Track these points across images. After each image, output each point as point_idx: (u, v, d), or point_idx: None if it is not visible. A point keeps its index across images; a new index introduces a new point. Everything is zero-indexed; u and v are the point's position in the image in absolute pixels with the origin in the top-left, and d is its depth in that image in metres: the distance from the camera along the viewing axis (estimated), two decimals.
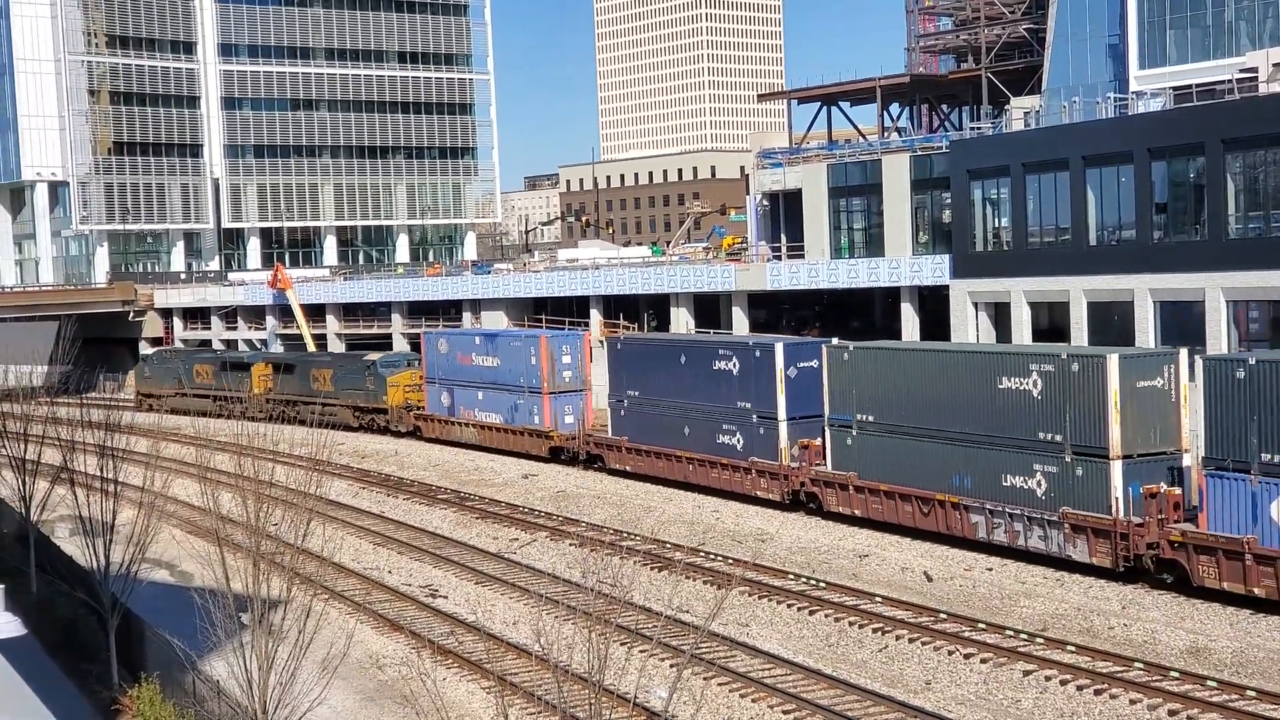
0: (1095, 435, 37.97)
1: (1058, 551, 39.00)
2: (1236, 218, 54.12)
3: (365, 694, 31.65)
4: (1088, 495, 38.08)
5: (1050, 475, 39.26)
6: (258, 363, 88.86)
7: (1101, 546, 37.54)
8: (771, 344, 51.74)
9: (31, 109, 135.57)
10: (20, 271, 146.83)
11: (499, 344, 69.10)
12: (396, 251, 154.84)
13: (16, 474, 39.72)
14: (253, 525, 22.69)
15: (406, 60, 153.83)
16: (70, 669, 32.18)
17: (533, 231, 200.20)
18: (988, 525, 41.20)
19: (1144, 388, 37.97)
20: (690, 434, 54.77)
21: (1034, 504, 39.62)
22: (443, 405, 72.54)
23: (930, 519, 43.24)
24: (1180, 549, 35.52)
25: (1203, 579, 34.95)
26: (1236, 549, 33.98)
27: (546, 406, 64.63)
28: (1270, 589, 33.24)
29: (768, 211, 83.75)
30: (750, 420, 51.50)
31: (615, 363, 60.04)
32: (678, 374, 55.80)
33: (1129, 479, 37.27)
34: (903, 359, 46.03)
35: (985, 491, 41.18)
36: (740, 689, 30.31)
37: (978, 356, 43.49)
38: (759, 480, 50.91)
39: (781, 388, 50.18)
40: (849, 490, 46.48)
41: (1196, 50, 69.04)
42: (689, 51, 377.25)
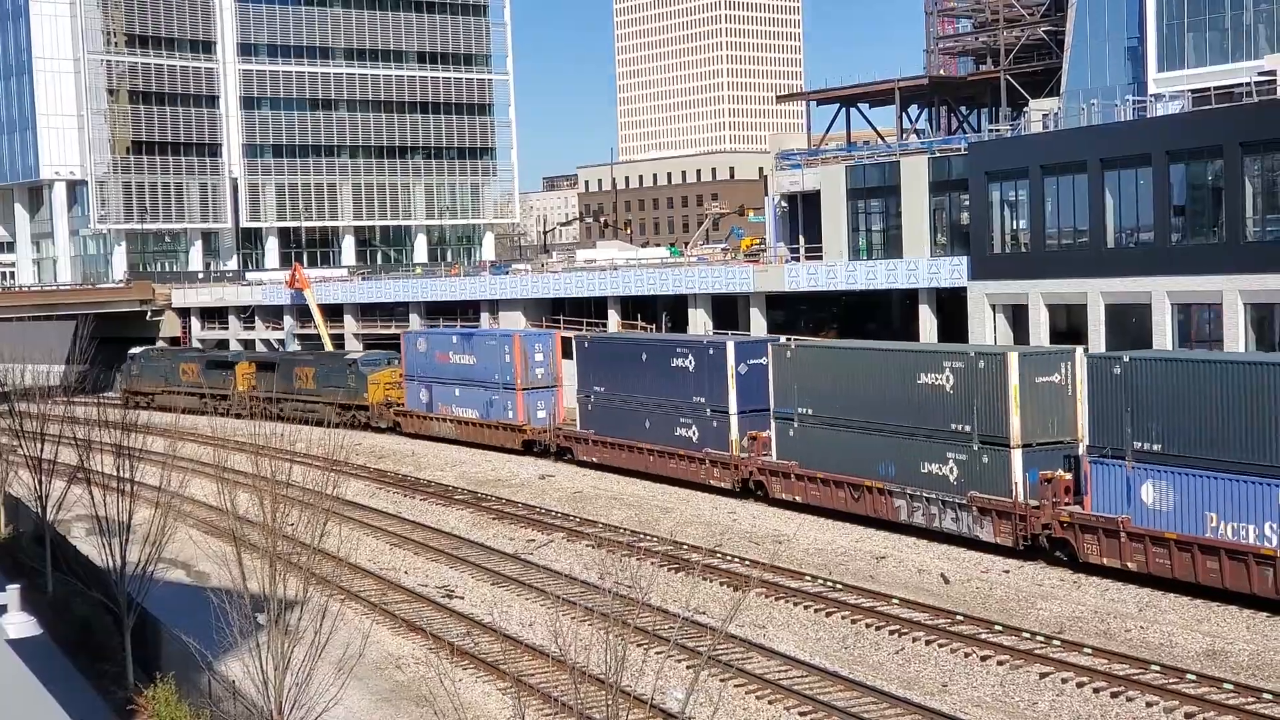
0: (998, 426, 41.41)
1: (967, 532, 42.30)
2: (1254, 220, 53.92)
3: (381, 694, 31.67)
4: (992, 481, 41.50)
5: (961, 463, 42.65)
6: (241, 362, 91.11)
7: (1004, 527, 41.02)
8: (723, 342, 55.66)
9: (50, 108, 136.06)
10: (38, 270, 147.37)
11: (475, 343, 72.55)
12: (415, 252, 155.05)
13: (33, 473, 39.84)
14: (269, 525, 22.71)
15: (426, 60, 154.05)
16: (86, 668, 32.25)
17: (551, 232, 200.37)
18: (908, 509, 44.54)
19: (1042, 383, 41.36)
20: (651, 427, 58.20)
21: (947, 489, 42.98)
22: (421, 401, 75.64)
23: (860, 504, 46.66)
24: (1069, 528, 39.02)
25: (1087, 555, 38.48)
26: (1113, 528, 37.58)
27: (520, 402, 68.19)
28: (1141, 563, 36.88)
29: (786, 213, 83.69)
30: (705, 414, 55.01)
31: (583, 360, 63.40)
32: (640, 371, 59.13)
33: (1028, 466, 40.63)
34: (837, 357, 49.77)
35: (906, 478, 44.55)
36: (757, 690, 30.28)
37: (900, 354, 46.94)
38: (712, 470, 54.26)
39: (733, 383, 53.67)
40: (791, 478, 49.92)
41: (1215, 53, 68.83)
42: (708, 53, 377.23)
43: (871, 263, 71.63)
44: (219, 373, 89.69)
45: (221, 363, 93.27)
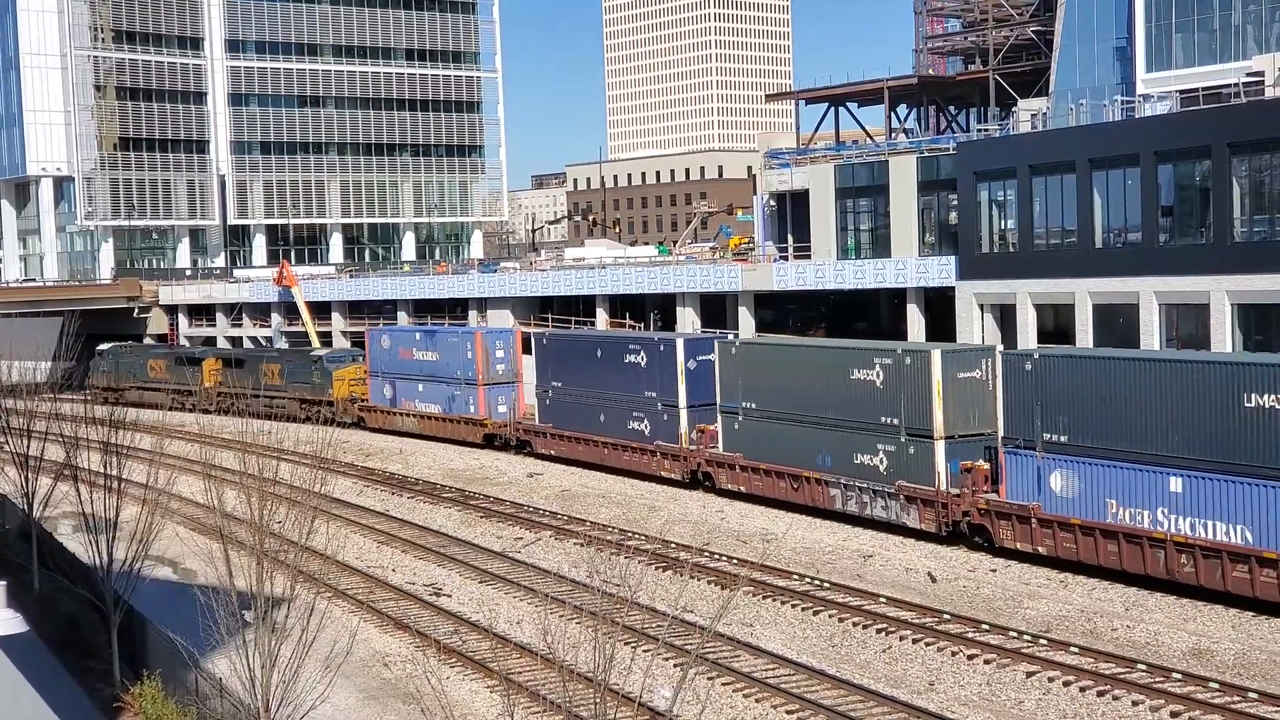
0: (923, 419, 43.50)
1: (895, 519, 44.65)
2: (1242, 221, 54.06)
3: (368, 692, 31.64)
4: (918, 471, 43.73)
5: (890, 453, 44.83)
6: (208, 358, 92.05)
7: (928, 514, 43.34)
8: (673, 339, 57.70)
9: (37, 104, 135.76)
10: (25, 267, 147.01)
11: (438, 339, 74.28)
12: (403, 249, 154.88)
13: (19, 470, 39.72)
14: (256, 523, 22.67)
15: (414, 58, 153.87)
16: (72, 666, 32.17)
17: (539, 230, 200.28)
18: (843, 498, 46.82)
19: (964, 379, 43.58)
20: (606, 421, 60.20)
21: (878, 478, 45.25)
22: (385, 397, 77.47)
23: (800, 493, 48.74)
24: (986, 515, 41.39)
25: (1002, 540, 40.77)
26: (1025, 514, 39.95)
27: (481, 397, 69.93)
28: (1050, 547, 39.23)
29: (774, 212, 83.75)
30: (656, 408, 57.06)
31: (542, 357, 65.26)
32: (595, 367, 61.15)
33: (950, 456, 42.91)
34: (778, 354, 52.02)
35: (841, 468, 46.80)
36: (744, 689, 30.29)
37: (835, 351, 49.41)
38: (663, 461, 56.47)
39: (682, 379, 55.76)
40: (736, 469, 52.03)
41: (1203, 53, 68.98)
42: (697, 51, 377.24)
43: (860, 262, 71.71)
44: (186, 369, 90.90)
45: (189, 359, 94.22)
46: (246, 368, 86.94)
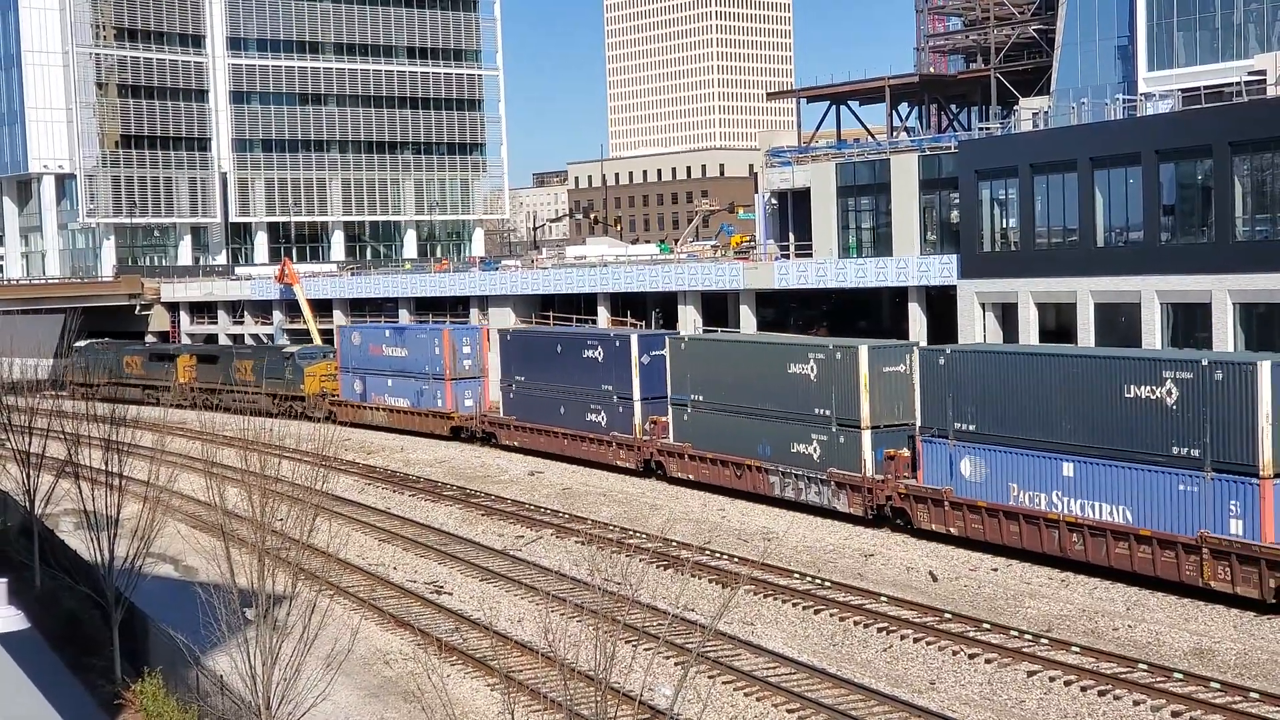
0: (852, 410, 46.67)
1: (827, 504, 47.79)
2: (1244, 220, 54.02)
3: (370, 690, 31.65)
4: (847, 458, 46.90)
5: (823, 443, 47.94)
6: (183, 354, 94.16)
7: (855, 499, 46.49)
8: (628, 335, 60.72)
9: (39, 101, 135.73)
10: (26, 264, 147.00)
11: (407, 336, 77.42)
12: (404, 247, 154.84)
13: (21, 467, 39.73)
14: (258, 520, 22.67)
15: (416, 55, 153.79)
16: (73, 663, 32.19)
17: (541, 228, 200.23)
18: (781, 484, 49.87)
19: (889, 372, 46.61)
20: (565, 413, 63.21)
21: (812, 466, 48.35)
22: (356, 392, 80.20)
23: (743, 480, 51.75)
24: (905, 499, 44.54)
25: (919, 522, 43.90)
26: (939, 498, 43.12)
27: (449, 391, 73.01)
28: (960, 528, 42.29)
29: (776, 210, 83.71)
30: (612, 400, 60.04)
31: (505, 352, 68.55)
32: (555, 362, 64.28)
33: (876, 445, 46.01)
34: (723, 349, 55.82)
35: (780, 457, 49.80)
36: (745, 688, 30.30)
37: (773, 347, 52.73)
38: (618, 451, 59.40)
39: (636, 373, 58.66)
40: (685, 459, 55.08)
41: (1205, 52, 68.94)
42: (698, 50, 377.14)
43: (861, 261, 71.69)
44: (161, 365, 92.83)
45: (164, 355, 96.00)
46: (220, 364, 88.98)
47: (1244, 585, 34.36)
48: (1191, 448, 35.81)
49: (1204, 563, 35.26)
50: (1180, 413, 36.02)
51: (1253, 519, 34.40)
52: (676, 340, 56.96)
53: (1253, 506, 34.40)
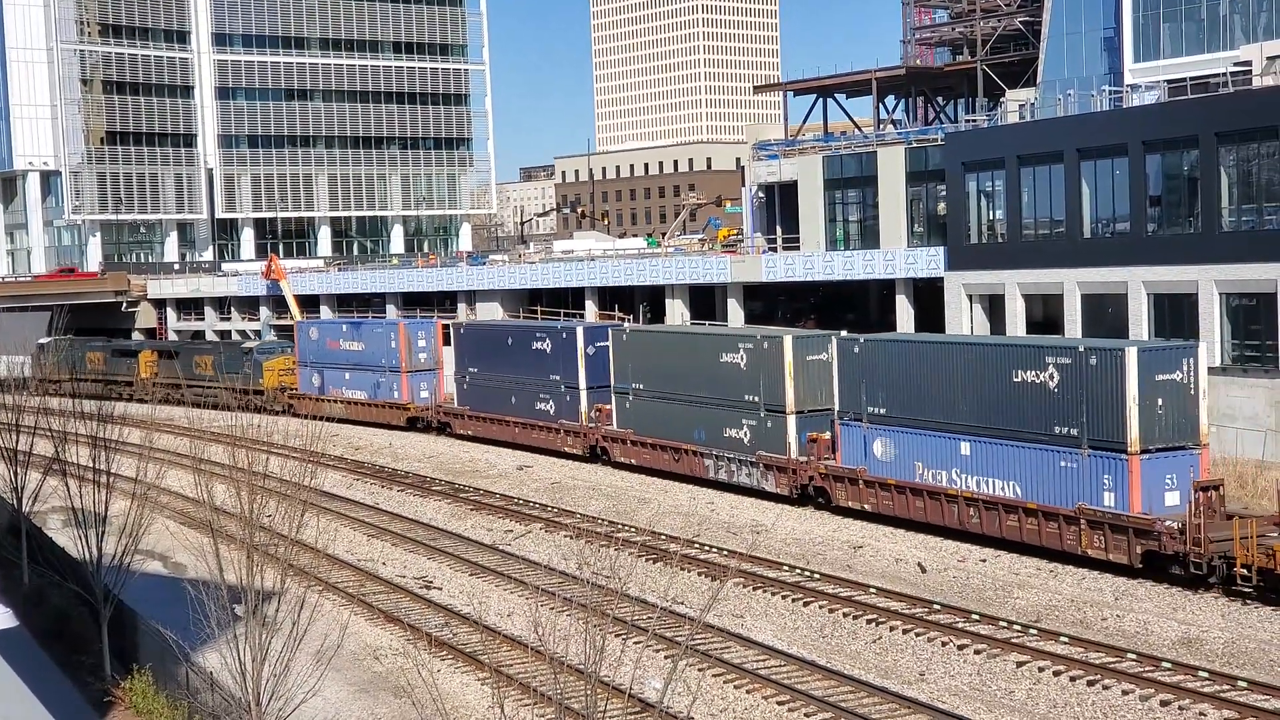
0: (778, 397, 49.52)
1: (757, 485, 50.63)
2: (1230, 211, 54.12)
3: (360, 685, 31.64)
4: (775, 442, 49.85)
5: (752, 427, 50.86)
6: (144, 350, 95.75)
7: (782, 480, 49.43)
8: (574, 327, 63.80)
9: (24, 98, 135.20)
10: (12, 261, 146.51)
11: (363, 330, 79.95)
12: (391, 242, 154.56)
13: (8, 465, 39.61)
14: (246, 517, 22.63)
15: (402, 50, 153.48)
16: (62, 661, 32.12)
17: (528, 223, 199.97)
18: (715, 467, 52.67)
19: (812, 361, 49.29)
20: (516, 402, 66.00)
21: (742, 450, 51.20)
22: (314, 385, 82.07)
23: (680, 464, 54.57)
24: (826, 479, 47.61)
25: (838, 500, 47.03)
26: (854, 477, 46.28)
27: (404, 383, 75.58)
28: (874, 505, 45.41)
29: (763, 203, 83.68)
30: (560, 390, 62.93)
31: (459, 345, 71.38)
32: (506, 354, 67.09)
33: (800, 429, 49.07)
34: (661, 339, 59.03)
35: (713, 442, 52.67)
36: (735, 680, 30.33)
37: (707, 338, 55.83)
38: (566, 438, 62.24)
39: (582, 363, 61.54)
40: (627, 444, 58.02)
41: (1191, 43, 69.00)
42: (685, 43, 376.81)
43: (849, 253, 71.69)
44: (123, 360, 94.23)
45: (125, 351, 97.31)
46: (181, 359, 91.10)
47: (1115, 552, 37.32)
48: (1071, 427, 38.81)
49: (1082, 532, 38.20)
50: (1061, 395, 39.13)
51: (1122, 491, 37.50)
52: (619, 331, 59.99)
53: (1122, 480, 37.55)
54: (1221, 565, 34.89)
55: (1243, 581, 34.15)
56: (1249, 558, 33.85)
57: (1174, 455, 37.85)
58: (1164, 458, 37.69)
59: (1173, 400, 38.00)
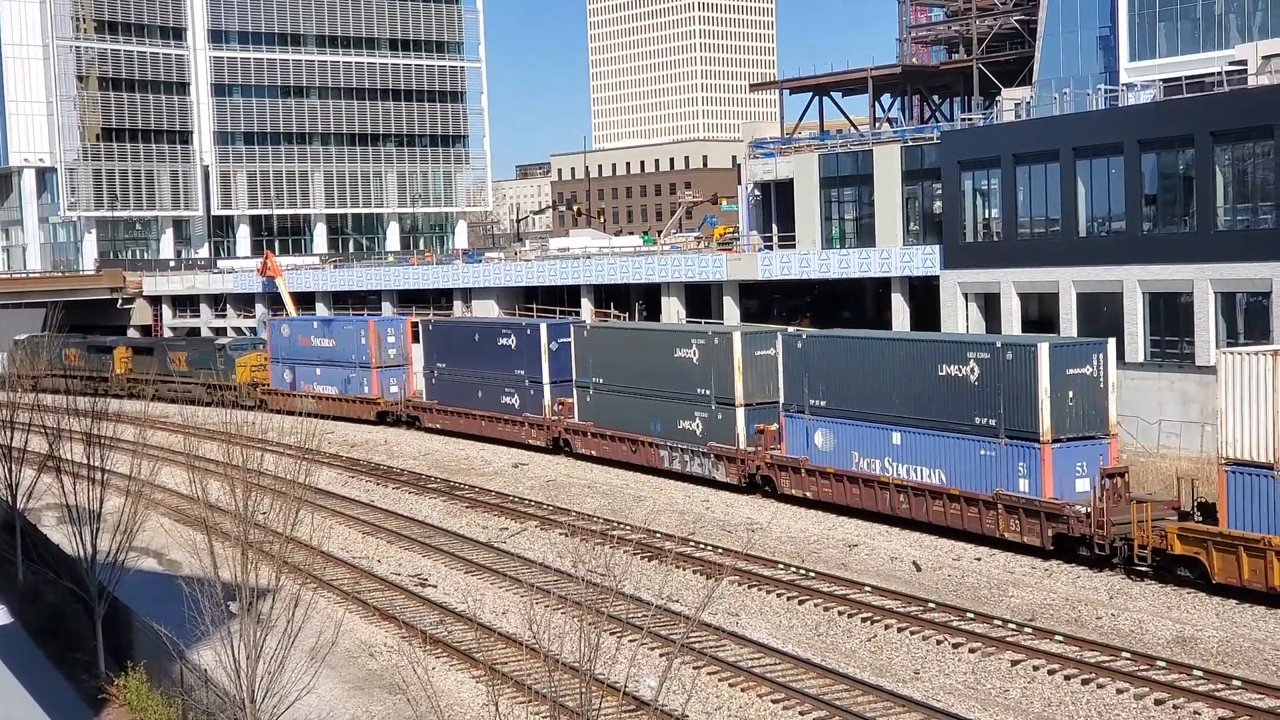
0: (728, 390, 51.77)
1: (708, 474, 52.78)
2: (1225, 210, 54.18)
3: (354, 683, 31.62)
4: (725, 433, 52.06)
5: (704, 420, 53.03)
6: (119, 346, 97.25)
7: (732, 469, 51.57)
8: (537, 324, 65.84)
9: (19, 94, 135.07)
10: (7, 258, 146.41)
11: (334, 328, 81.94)
12: (387, 239, 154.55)
13: (2, 462, 39.56)
14: (241, 514, 22.61)
15: (398, 48, 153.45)
16: (57, 657, 32.09)
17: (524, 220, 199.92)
18: (669, 458, 54.83)
19: (761, 356, 51.32)
20: (482, 396, 68.11)
21: (695, 441, 53.51)
22: (285, 381, 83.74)
23: (637, 455, 56.81)
24: (772, 468, 49.79)
25: (783, 488, 49.09)
26: (797, 466, 48.41)
27: (374, 379, 77.58)
28: (815, 492, 47.58)
29: (759, 201, 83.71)
30: (524, 384, 65.10)
31: (428, 341, 73.57)
32: (473, 350, 69.16)
33: (749, 421, 51.18)
34: (620, 335, 61.52)
35: (668, 433, 54.88)
36: (730, 678, 30.32)
37: (663, 333, 58.75)
38: (530, 431, 64.38)
39: (546, 359, 63.67)
40: (588, 436, 60.17)
41: (1186, 43, 69.09)
42: (681, 41, 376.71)
43: (844, 251, 71.74)
44: (98, 356, 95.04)
45: (101, 347, 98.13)
46: (155, 356, 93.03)
47: (1029, 535, 39.60)
48: (989, 418, 41.11)
49: (1000, 517, 40.52)
50: (980, 388, 41.44)
51: (1035, 478, 39.78)
52: (580, 328, 62.25)
53: (1035, 467, 39.83)
54: (1123, 547, 37.09)
55: (1139, 561, 36.47)
56: (1145, 539, 36.14)
57: (1084, 445, 40.10)
58: (1074, 447, 39.91)
59: (1083, 393, 40.21)
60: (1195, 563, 35.32)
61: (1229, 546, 34.32)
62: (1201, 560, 35.01)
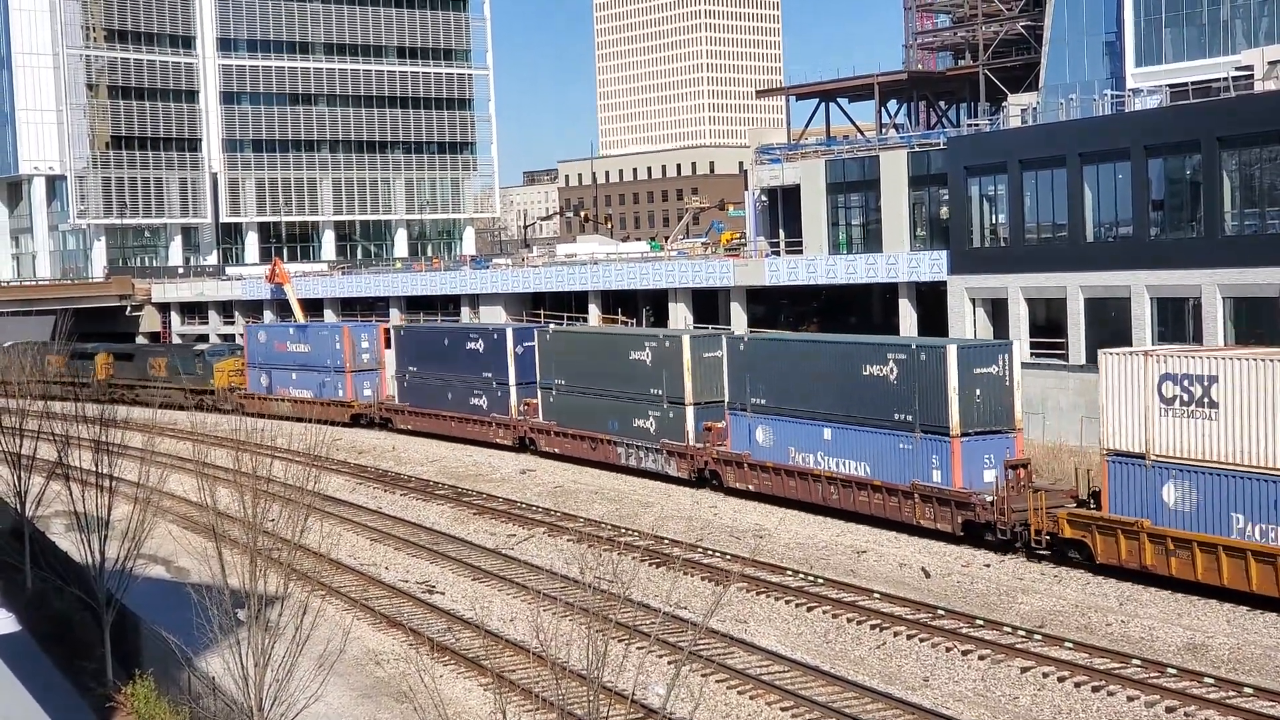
0: (678, 390, 54.82)
1: (661, 470, 55.76)
2: (1232, 215, 54.08)
3: (362, 690, 31.61)
4: (676, 431, 55.09)
5: (657, 418, 55.97)
6: (100, 353, 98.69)
7: (682, 464, 54.57)
8: (504, 328, 69.64)
9: (29, 103, 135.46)
10: (17, 266, 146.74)
11: (310, 333, 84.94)
12: (395, 246, 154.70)
13: (12, 469, 39.63)
14: (249, 521, 22.62)
15: (405, 55, 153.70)
16: (65, 665, 32.11)
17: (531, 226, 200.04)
18: (625, 454, 57.78)
19: (708, 357, 54.15)
20: (452, 398, 70.84)
21: (648, 439, 56.46)
22: (262, 385, 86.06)
23: (597, 452, 59.77)
24: (718, 463, 52.68)
25: (728, 482, 52.15)
26: (740, 461, 51.43)
27: (349, 383, 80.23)
28: (757, 485, 50.57)
29: (766, 207, 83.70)
30: (492, 386, 67.87)
31: (399, 346, 76.41)
32: (443, 353, 71.86)
33: (698, 419, 54.26)
34: (580, 339, 64.83)
35: (625, 431, 57.79)
36: (738, 686, 30.28)
37: (619, 337, 62.33)
38: (497, 430, 67.28)
39: (512, 361, 66.60)
40: (551, 435, 63.04)
41: (1193, 48, 69.02)
42: (688, 47, 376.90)
43: (851, 257, 71.67)
44: (80, 362, 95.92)
45: (83, 354, 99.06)
46: (136, 361, 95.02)
47: (942, 522, 42.60)
48: (907, 414, 44.05)
49: (916, 505, 43.53)
50: (899, 387, 44.41)
51: (946, 469, 42.85)
52: (543, 332, 65.58)
53: (946, 460, 42.85)
54: (1023, 531, 40.06)
55: (1035, 545, 39.69)
56: (1040, 524, 39.42)
57: (991, 438, 43.08)
58: (982, 440, 42.90)
59: (990, 391, 43.16)
60: (1083, 545, 38.36)
61: (1109, 530, 37.53)
62: (1088, 543, 38.12)
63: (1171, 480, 36.18)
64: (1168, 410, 36.21)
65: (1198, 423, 35.51)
